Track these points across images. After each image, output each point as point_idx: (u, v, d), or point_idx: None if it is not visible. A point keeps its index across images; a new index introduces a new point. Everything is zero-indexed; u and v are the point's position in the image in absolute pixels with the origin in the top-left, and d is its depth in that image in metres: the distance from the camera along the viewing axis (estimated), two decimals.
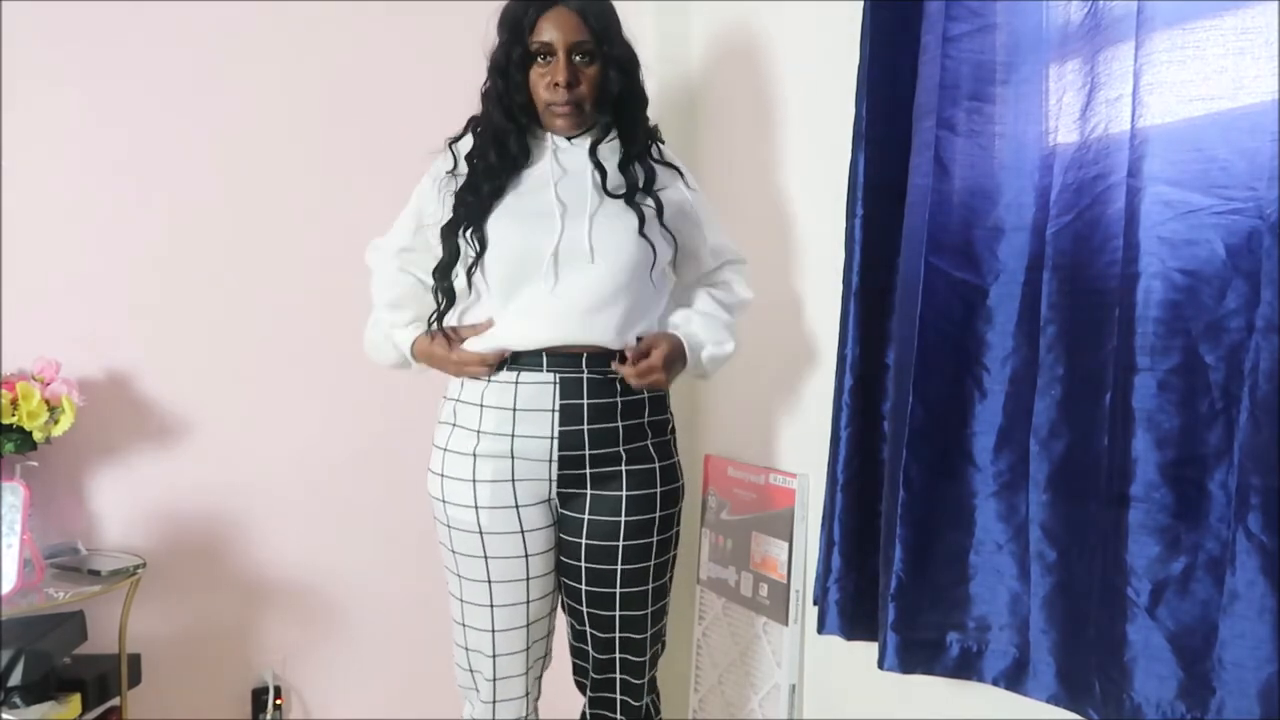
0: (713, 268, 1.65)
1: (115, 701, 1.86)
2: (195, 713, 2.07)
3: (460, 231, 1.48)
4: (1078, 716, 1.19)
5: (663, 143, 1.61)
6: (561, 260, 1.45)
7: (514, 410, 1.47)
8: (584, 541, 1.52)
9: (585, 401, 1.48)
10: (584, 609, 1.55)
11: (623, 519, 1.51)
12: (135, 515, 2.00)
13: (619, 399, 1.50)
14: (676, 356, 1.53)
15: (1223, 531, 1.01)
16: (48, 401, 1.77)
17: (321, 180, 2.12)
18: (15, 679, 1.65)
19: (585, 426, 1.48)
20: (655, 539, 1.54)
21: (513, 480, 1.48)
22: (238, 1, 2.04)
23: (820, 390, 1.60)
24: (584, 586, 1.53)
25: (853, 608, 1.47)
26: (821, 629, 1.50)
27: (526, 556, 1.50)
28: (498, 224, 1.47)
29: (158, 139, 2.00)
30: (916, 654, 1.34)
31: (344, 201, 2.12)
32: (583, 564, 1.53)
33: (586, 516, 1.51)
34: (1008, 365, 1.29)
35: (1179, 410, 1.03)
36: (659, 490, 1.53)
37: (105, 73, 1.96)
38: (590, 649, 1.58)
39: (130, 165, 1.98)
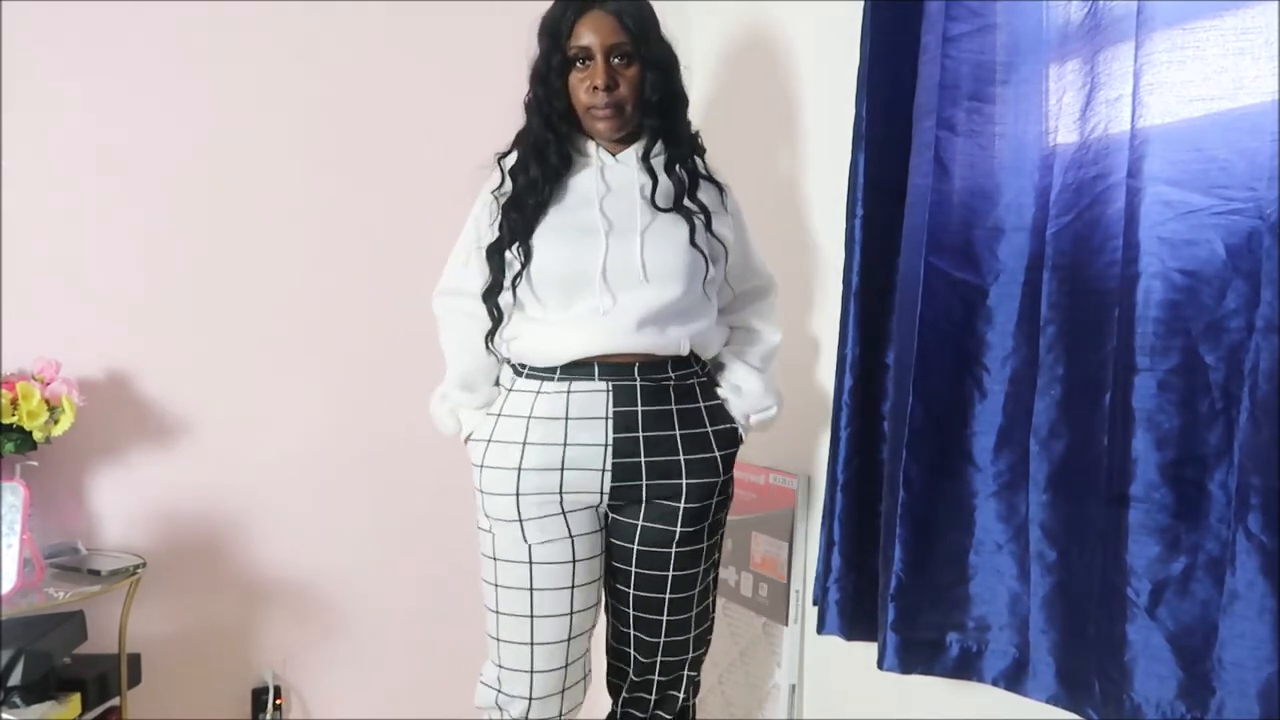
0: (739, 292, 1.63)
1: (115, 701, 1.86)
2: (195, 713, 2.07)
3: (507, 249, 1.47)
4: (1077, 716, 1.19)
5: (704, 152, 1.59)
6: (612, 279, 1.45)
7: (566, 420, 1.46)
8: (636, 547, 1.50)
9: (639, 409, 1.46)
10: (630, 612, 1.54)
11: (678, 529, 1.49)
12: (135, 515, 2.00)
13: (674, 406, 1.48)
14: None
15: (1223, 531, 1.01)
16: (48, 401, 1.77)
17: (323, 180, 2.12)
18: (15, 679, 1.65)
19: (640, 434, 1.46)
20: (705, 544, 1.53)
21: (560, 492, 1.46)
22: (238, 1, 2.04)
23: (820, 390, 1.60)
24: (632, 591, 1.52)
25: (853, 608, 1.47)
26: (821, 629, 1.50)
27: (573, 562, 1.47)
28: (544, 240, 1.46)
29: (158, 139, 2.00)
30: (916, 654, 1.34)
31: (346, 201, 2.12)
32: (633, 569, 1.51)
33: (640, 523, 1.50)
34: (1008, 365, 1.29)
35: (1179, 410, 1.03)
36: (714, 500, 1.52)
37: (105, 73, 1.96)
38: (633, 651, 1.56)
39: (130, 165, 1.98)
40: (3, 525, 1.68)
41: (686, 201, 1.49)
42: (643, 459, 1.46)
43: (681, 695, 1.60)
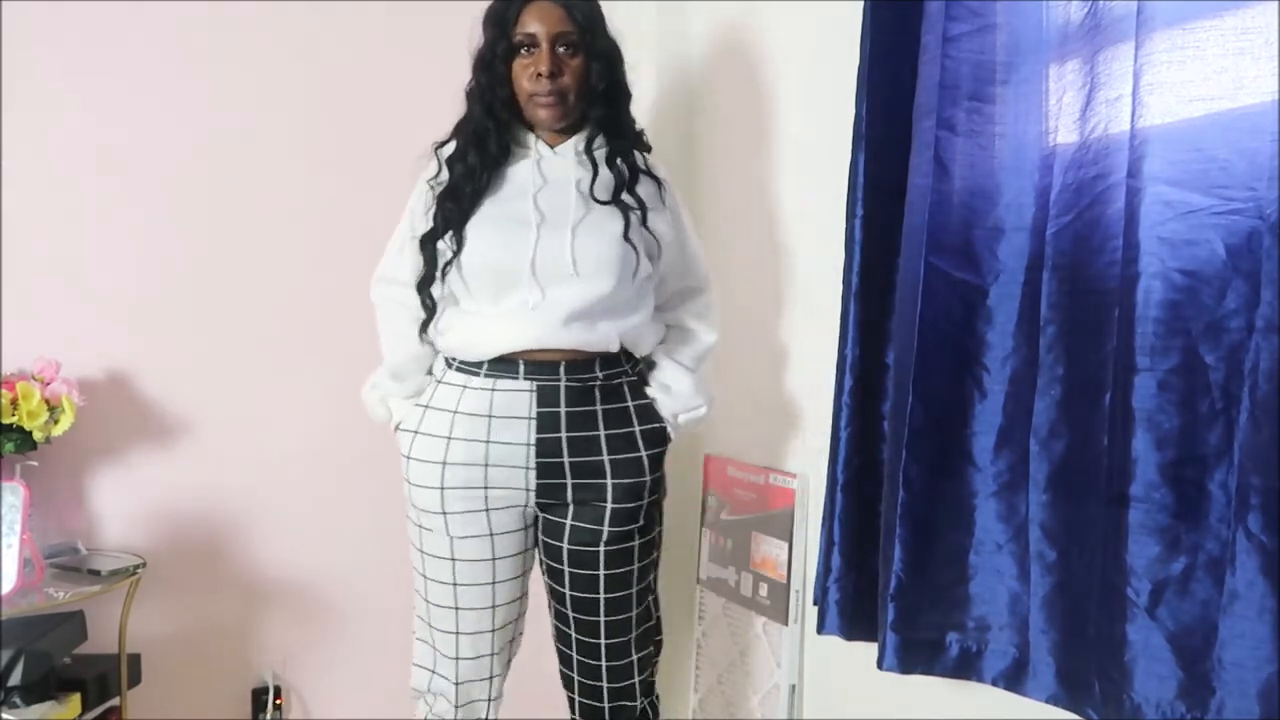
0: (676, 290, 1.64)
1: (115, 701, 1.86)
2: (195, 713, 2.07)
3: (440, 238, 1.48)
4: (1077, 716, 1.19)
5: (649, 150, 1.61)
6: (542, 273, 1.45)
7: (489, 418, 1.48)
8: (566, 547, 1.51)
9: (563, 409, 1.47)
10: (569, 613, 1.55)
11: (606, 528, 1.50)
12: (135, 515, 2.00)
13: (599, 407, 1.50)
14: None
15: (1223, 531, 1.01)
16: (48, 401, 1.77)
17: (323, 180, 2.12)
18: (15, 679, 1.65)
19: (563, 434, 1.47)
20: (637, 544, 1.53)
21: (485, 488, 1.49)
22: (238, 1, 2.04)
23: (820, 390, 1.60)
24: (568, 592, 1.53)
25: (852, 608, 1.47)
26: (821, 629, 1.50)
27: (494, 560, 1.51)
28: (476, 231, 1.47)
29: (158, 139, 2.00)
30: (916, 654, 1.34)
31: (346, 201, 2.12)
32: (565, 569, 1.53)
33: (569, 523, 1.51)
34: (1008, 365, 1.29)
35: (1179, 410, 1.02)
36: (645, 502, 1.53)
37: (105, 73, 1.96)
38: (576, 655, 1.57)
39: (130, 165, 1.98)
40: (3, 525, 1.68)
41: (624, 195, 1.49)
42: (566, 459, 1.48)
43: (637, 704, 1.59)
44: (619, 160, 1.51)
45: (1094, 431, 1.14)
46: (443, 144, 1.56)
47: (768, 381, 1.93)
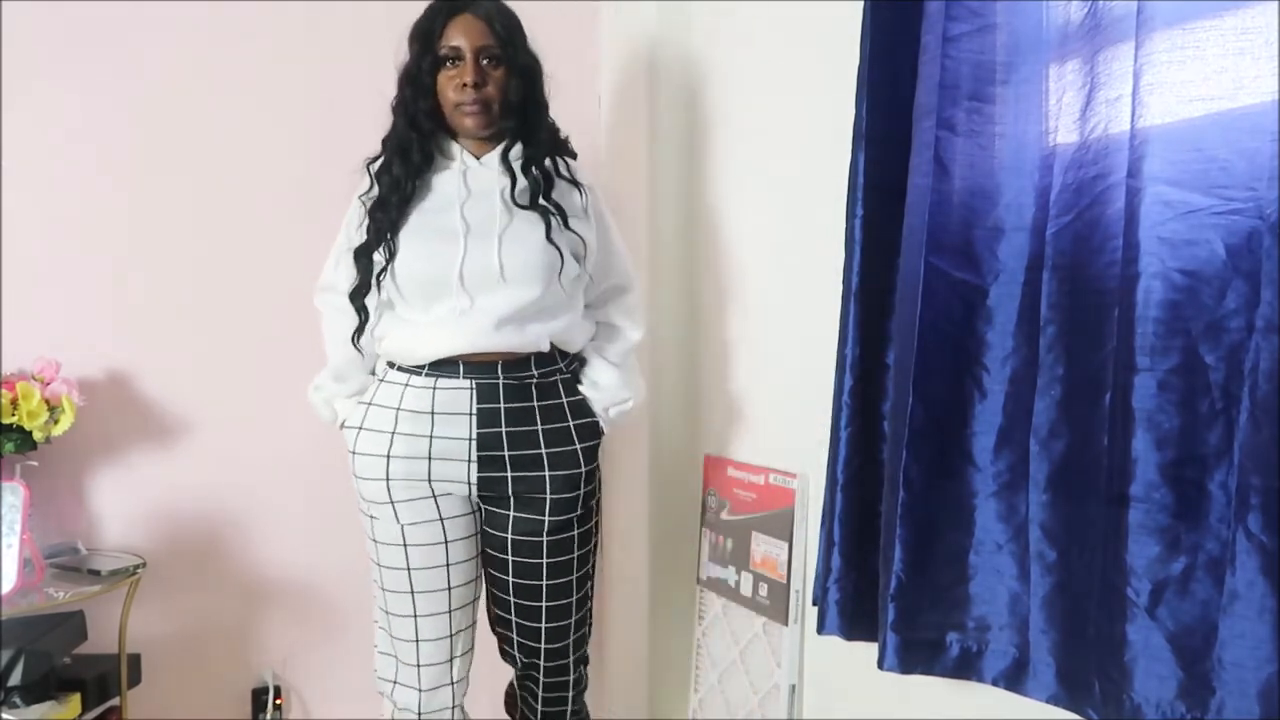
0: (602, 289, 1.71)
1: (115, 701, 1.86)
2: (195, 713, 2.07)
3: (374, 250, 1.55)
4: (1077, 716, 1.19)
5: (573, 157, 1.67)
6: (470, 281, 1.53)
7: (432, 414, 1.54)
8: (510, 537, 1.59)
9: (502, 405, 1.55)
10: (511, 600, 1.63)
11: (547, 519, 1.58)
12: (135, 515, 2.00)
13: (535, 403, 1.57)
14: None
15: (1223, 531, 1.01)
16: (48, 401, 1.78)
17: (323, 180, 2.11)
18: (15, 679, 1.65)
19: (503, 429, 1.55)
20: (576, 532, 1.62)
21: (429, 479, 1.55)
22: (239, 1, 2.04)
23: (820, 390, 1.60)
24: (511, 579, 1.61)
25: (853, 608, 1.47)
26: (821, 629, 1.50)
27: (446, 543, 1.57)
28: (406, 242, 1.54)
29: (159, 139, 2.00)
30: (916, 654, 1.34)
31: (346, 202, 2.12)
32: (509, 558, 1.60)
33: (512, 514, 1.58)
34: (1008, 365, 1.29)
35: (1179, 410, 1.02)
36: (582, 491, 1.61)
37: (106, 73, 1.96)
38: (516, 636, 1.66)
39: (130, 165, 1.98)
40: (3, 525, 1.68)
41: (542, 200, 1.56)
42: (506, 453, 1.55)
43: (570, 677, 1.69)
44: (534, 168, 1.58)
45: (1094, 431, 1.14)
46: (374, 159, 1.63)
47: (767, 381, 1.93)
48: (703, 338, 2.16)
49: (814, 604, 1.55)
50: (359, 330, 1.61)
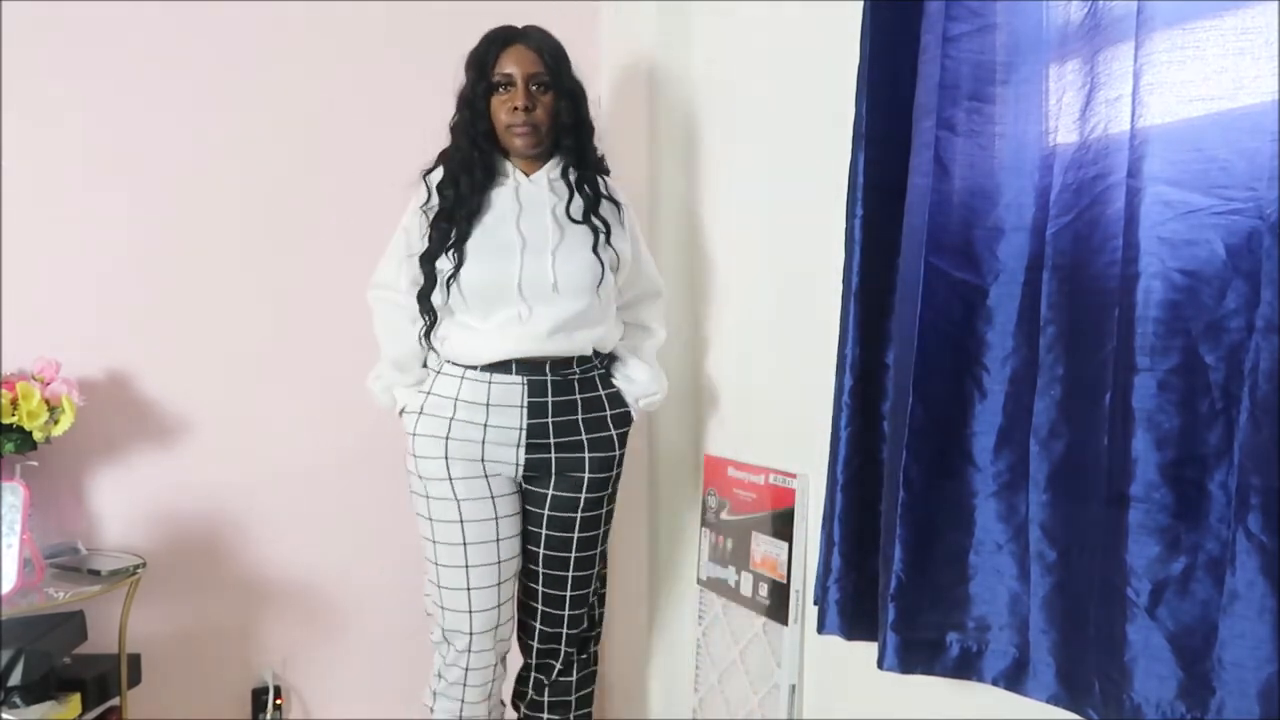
0: (634, 295, 1.90)
1: (115, 701, 1.86)
2: (195, 713, 2.07)
3: (443, 254, 1.69)
4: (1077, 716, 1.19)
5: (608, 174, 1.83)
6: (527, 291, 1.70)
7: (487, 405, 1.71)
8: (546, 513, 1.78)
9: (550, 399, 1.74)
10: (539, 570, 1.81)
11: (583, 496, 1.78)
12: (135, 515, 2.00)
13: (578, 396, 1.77)
14: None
15: (1223, 531, 1.01)
16: (48, 401, 1.78)
17: (323, 180, 2.12)
18: (15, 679, 1.65)
19: (549, 420, 1.74)
20: (604, 510, 1.83)
21: (483, 460, 1.72)
22: (239, 2, 2.04)
23: (820, 390, 1.60)
24: (542, 551, 1.80)
25: (853, 608, 1.47)
26: (821, 629, 1.50)
27: (496, 519, 1.73)
28: (471, 252, 1.69)
29: (159, 139, 2.00)
30: (916, 654, 1.34)
31: (345, 202, 2.12)
32: (543, 532, 1.79)
33: (551, 492, 1.77)
34: (1008, 365, 1.29)
35: (1179, 410, 1.02)
36: (614, 474, 1.83)
37: (105, 73, 1.96)
38: (540, 605, 1.82)
39: (131, 165, 1.99)
40: (3, 525, 1.68)
41: (592, 217, 1.74)
42: (551, 439, 1.75)
43: (584, 628, 1.88)
44: (586, 186, 1.76)
45: (1094, 431, 1.14)
46: (429, 171, 1.77)
47: (767, 381, 1.93)
48: (703, 338, 2.16)
49: (814, 604, 1.55)
50: (429, 329, 1.75)
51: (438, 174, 1.75)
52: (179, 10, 2.00)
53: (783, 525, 1.81)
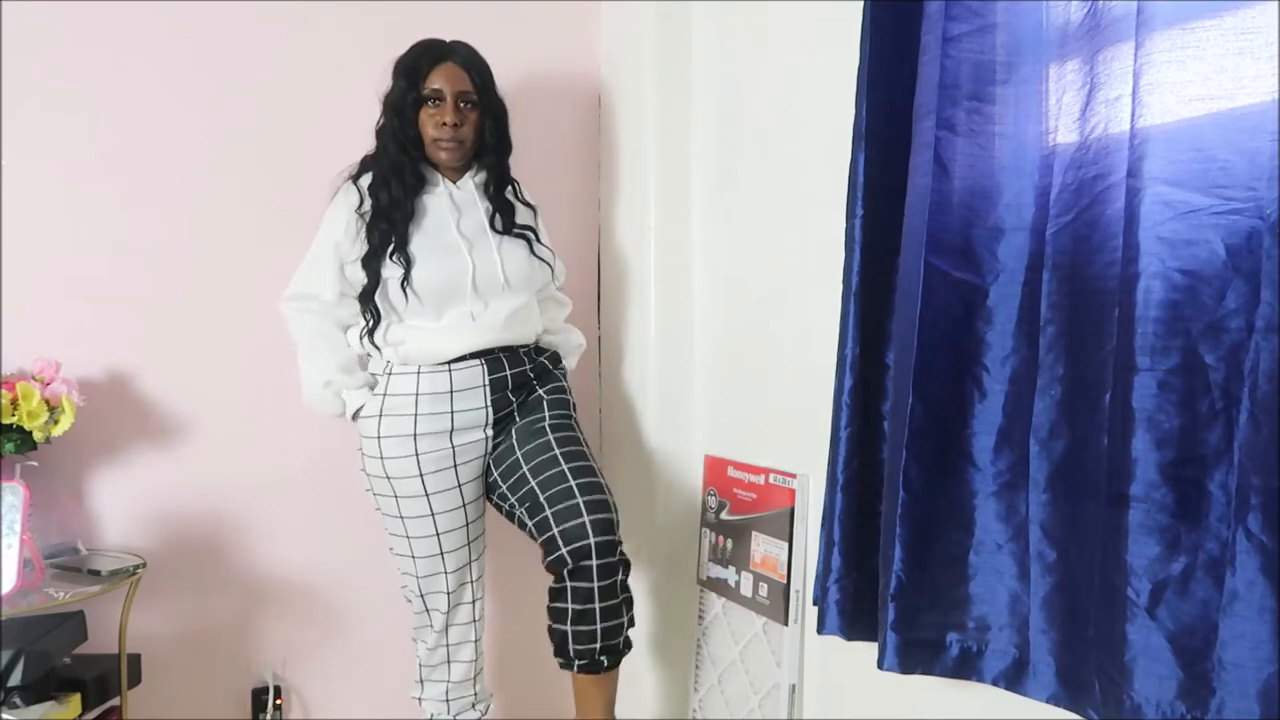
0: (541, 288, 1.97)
1: (115, 701, 1.86)
2: (195, 713, 2.07)
3: (385, 257, 1.73)
4: (1077, 716, 1.19)
5: (517, 183, 1.93)
6: (482, 288, 1.79)
7: (450, 393, 1.78)
8: (514, 442, 1.81)
9: (508, 373, 1.83)
10: (532, 480, 1.75)
11: (547, 414, 1.84)
12: (135, 515, 2.00)
13: (527, 368, 1.87)
14: None
15: (1223, 531, 1.01)
16: (48, 401, 1.77)
17: (323, 181, 2.11)
18: (15, 679, 1.65)
19: (509, 391, 1.83)
20: (576, 433, 1.86)
21: (452, 447, 1.78)
22: (240, 1, 2.04)
23: (820, 390, 1.60)
24: (525, 467, 1.77)
25: (852, 608, 1.47)
26: (821, 629, 1.50)
27: (464, 505, 1.82)
28: (417, 255, 1.75)
29: (158, 138, 2.00)
30: (916, 654, 1.34)
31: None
32: (518, 452, 1.80)
33: (515, 424, 1.84)
34: (1008, 365, 1.29)
35: (1179, 410, 1.02)
36: (571, 405, 1.91)
37: (105, 73, 1.96)
38: (548, 508, 1.71)
39: (131, 165, 1.98)
40: (3, 525, 1.68)
41: (516, 228, 1.86)
42: (514, 405, 1.85)
43: (612, 515, 1.72)
44: (506, 196, 1.87)
45: (1094, 431, 1.14)
46: (358, 175, 1.82)
47: (767, 381, 1.93)
48: (703, 338, 2.16)
49: (814, 604, 1.55)
50: (371, 330, 1.79)
51: (368, 178, 1.79)
52: (179, 9, 2.00)
53: (783, 525, 1.81)
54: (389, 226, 1.74)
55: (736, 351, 2.05)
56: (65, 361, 1.85)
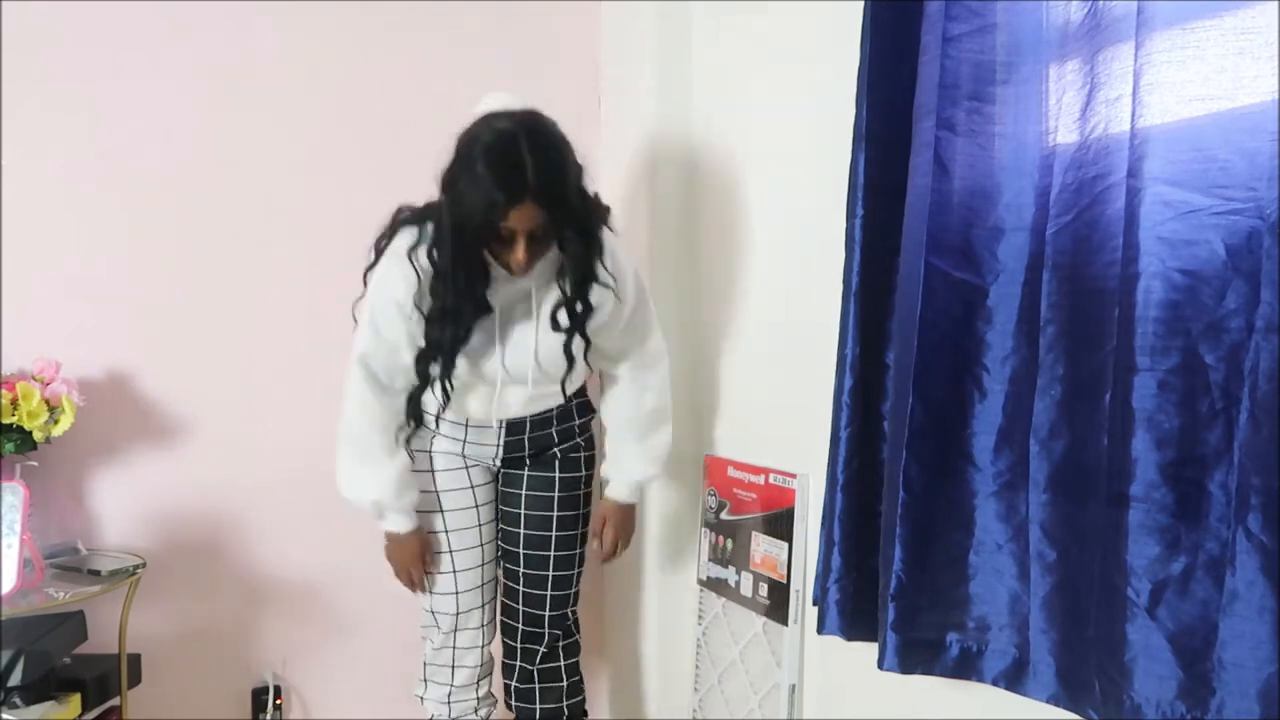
0: (622, 364, 1.85)
1: (115, 701, 1.86)
2: (195, 713, 2.07)
3: (434, 359, 1.64)
4: (1077, 716, 1.19)
5: (607, 239, 1.68)
6: (512, 373, 1.71)
7: (465, 427, 1.81)
8: (524, 493, 1.87)
9: (525, 436, 1.84)
10: (520, 551, 1.88)
11: (558, 474, 1.87)
12: (135, 515, 2.00)
13: (552, 430, 1.86)
14: (625, 517, 1.94)
15: (1223, 531, 1.01)
16: (48, 401, 1.77)
17: (323, 181, 2.12)
18: (15, 679, 1.65)
19: (526, 436, 1.84)
20: (583, 491, 1.91)
21: (464, 454, 1.83)
22: (240, 2, 2.04)
23: (820, 390, 1.60)
24: (522, 531, 1.87)
25: (853, 608, 1.47)
26: (821, 629, 1.50)
27: (476, 506, 1.84)
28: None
29: (158, 138, 2.00)
30: (916, 654, 1.34)
31: (345, 202, 2.12)
32: (522, 512, 1.87)
33: (526, 473, 1.87)
34: (1008, 365, 1.29)
35: (1179, 410, 1.02)
36: (583, 474, 1.91)
37: (105, 73, 1.96)
38: (521, 587, 1.89)
39: (131, 165, 1.98)
40: (3, 525, 1.68)
41: (573, 311, 1.64)
42: (527, 453, 1.86)
43: (569, 613, 1.93)
44: (571, 292, 1.64)
45: (1094, 431, 1.14)
46: (414, 247, 1.61)
47: (767, 381, 1.93)
48: (703, 338, 2.16)
49: (814, 604, 1.55)
50: (414, 427, 1.74)
51: (421, 252, 1.60)
52: (179, 9, 2.00)
53: (783, 525, 1.81)
54: (454, 328, 1.60)
55: (736, 351, 2.05)
56: (65, 361, 1.85)
